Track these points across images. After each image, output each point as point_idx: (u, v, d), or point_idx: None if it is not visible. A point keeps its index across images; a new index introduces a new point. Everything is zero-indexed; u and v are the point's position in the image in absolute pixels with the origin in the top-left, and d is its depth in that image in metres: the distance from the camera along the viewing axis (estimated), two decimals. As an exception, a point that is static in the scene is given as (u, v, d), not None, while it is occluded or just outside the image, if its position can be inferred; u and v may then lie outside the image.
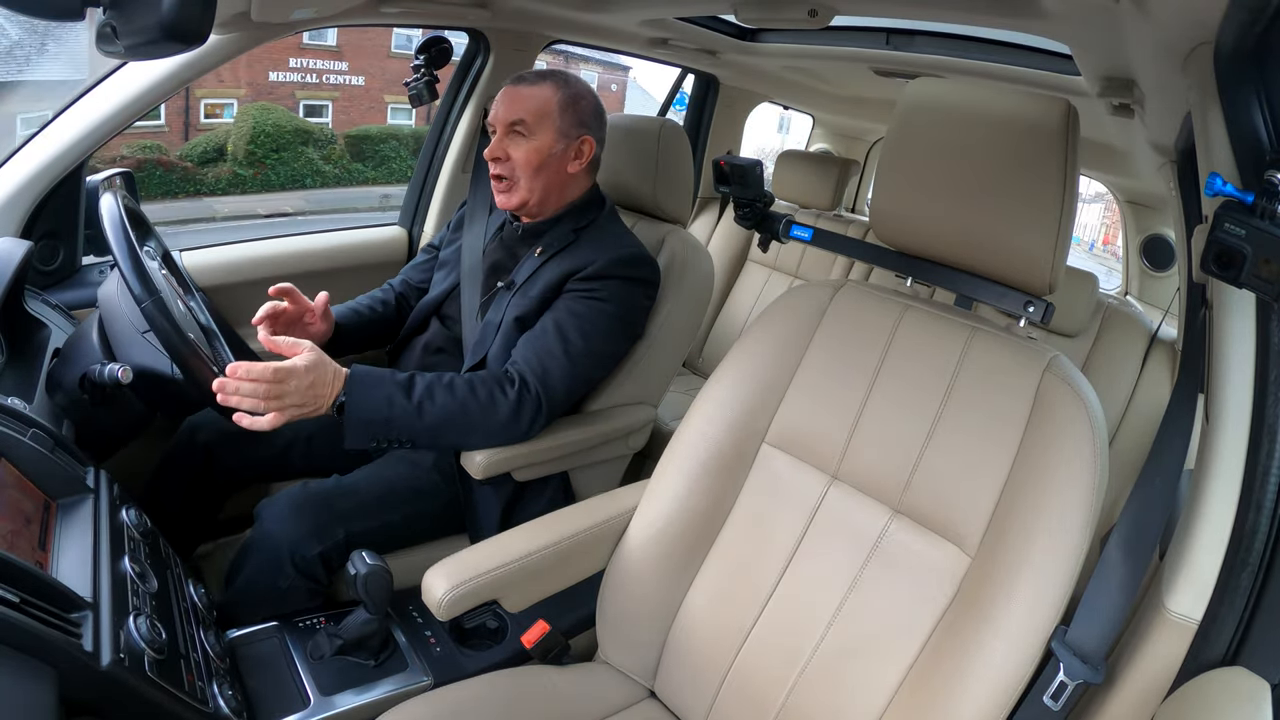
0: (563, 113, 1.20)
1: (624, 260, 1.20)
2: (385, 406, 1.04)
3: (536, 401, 1.12)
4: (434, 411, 1.06)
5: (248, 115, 10.77)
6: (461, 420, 1.08)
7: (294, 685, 0.93)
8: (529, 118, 1.19)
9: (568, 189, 1.26)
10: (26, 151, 1.21)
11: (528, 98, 1.19)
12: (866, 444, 0.89)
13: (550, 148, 1.20)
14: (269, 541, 1.06)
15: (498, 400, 1.10)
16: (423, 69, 1.61)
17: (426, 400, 1.06)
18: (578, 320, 1.16)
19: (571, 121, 1.21)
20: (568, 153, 1.22)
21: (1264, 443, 0.67)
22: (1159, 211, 2.54)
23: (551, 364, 1.13)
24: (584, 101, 1.23)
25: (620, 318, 1.20)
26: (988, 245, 0.85)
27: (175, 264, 1.20)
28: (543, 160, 1.20)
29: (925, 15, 1.51)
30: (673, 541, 0.96)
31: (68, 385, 0.98)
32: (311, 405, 1.00)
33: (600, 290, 1.18)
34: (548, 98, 1.20)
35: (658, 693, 1.00)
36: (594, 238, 1.24)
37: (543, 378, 1.12)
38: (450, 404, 1.07)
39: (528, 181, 1.21)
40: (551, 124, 1.20)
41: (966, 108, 0.86)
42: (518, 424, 1.11)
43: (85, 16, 0.60)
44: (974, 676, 0.73)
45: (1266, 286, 0.59)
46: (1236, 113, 0.70)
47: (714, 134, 2.60)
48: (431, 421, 1.06)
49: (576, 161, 1.24)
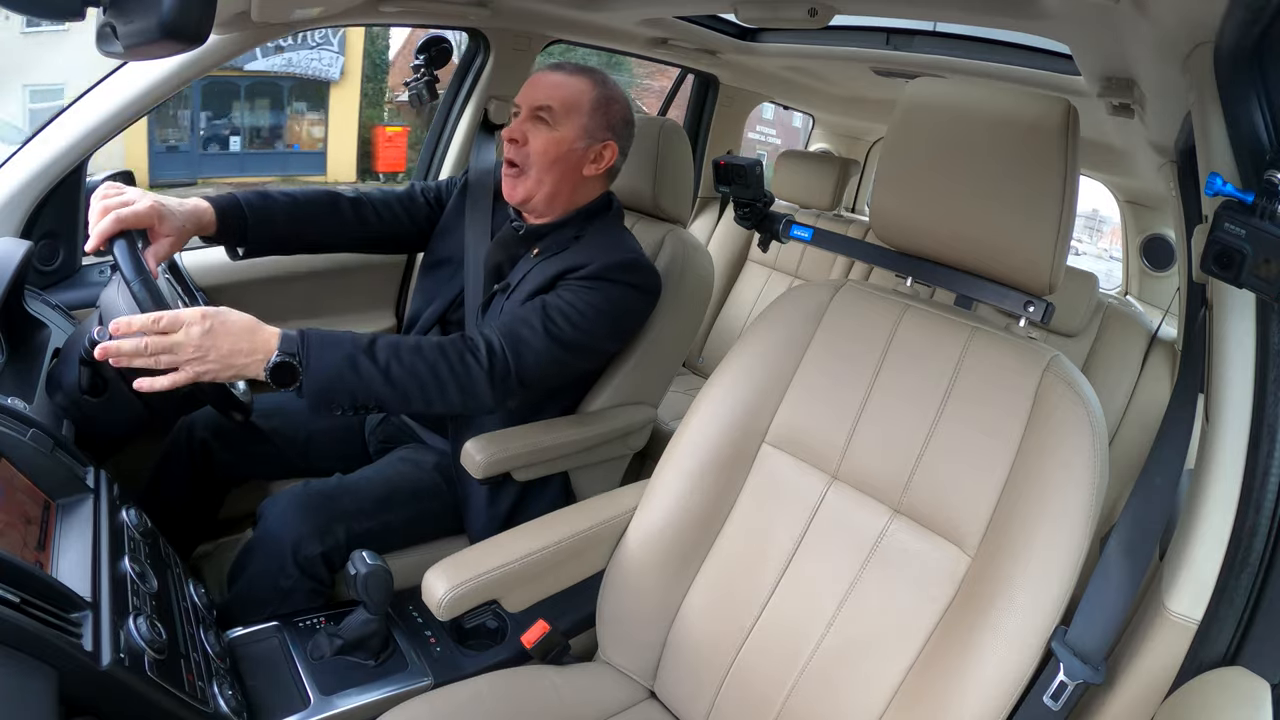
0: (593, 111, 1.16)
1: (623, 265, 1.15)
2: (349, 369, 0.95)
3: (505, 368, 1.04)
4: (402, 374, 0.98)
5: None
6: (433, 383, 1.00)
7: (294, 685, 0.93)
8: (557, 106, 1.15)
9: (579, 192, 1.21)
10: (26, 151, 1.21)
11: (561, 86, 1.16)
12: (866, 444, 0.89)
13: (571, 143, 1.16)
14: (272, 541, 1.06)
15: (469, 364, 1.03)
16: (423, 69, 1.61)
17: (393, 361, 0.98)
18: (564, 306, 1.10)
19: (600, 123, 1.17)
20: (587, 154, 1.18)
21: (1264, 443, 0.67)
22: (1159, 211, 2.54)
23: (527, 335, 1.07)
24: (616, 106, 1.19)
25: (608, 314, 1.14)
26: (988, 245, 0.85)
27: (177, 266, 1.20)
28: (560, 154, 1.15)
29: (925, 15, 1.51)
30: (673, 541, 0.96)
31: (68, 385, 0.97)
32: (224, 364, 0.89)
33: (594, 288, 1.12)
34: (582, 91, 1.16)
35: (658, 693, 1.00)
36: (594, 240, 1.20)
37: (515, 347, 1.05)
38: (419, 366, 0.99)
39: (539, 173, 1.16)
40: (578, 119, 1.15)
41: (966, 108, 0.86)
42: (490, 390, 1.04)
43: (85, 16, 0.60)
44: (974, 676, 0.73)
45: (1266, 286, 0.59)
46: (1236, 113, 0.71)
47: (714, 134, 2.60)
48: (401, 385, 0.98)
49: (594, 165, 1.19)
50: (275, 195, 1.22)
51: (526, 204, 1.21)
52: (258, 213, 1.17)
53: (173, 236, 1.04)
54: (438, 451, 1.26)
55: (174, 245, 1.05)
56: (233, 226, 1.14)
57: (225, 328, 0.89)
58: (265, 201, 1.19)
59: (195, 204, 1.10)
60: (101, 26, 0.63)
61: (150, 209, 1.00)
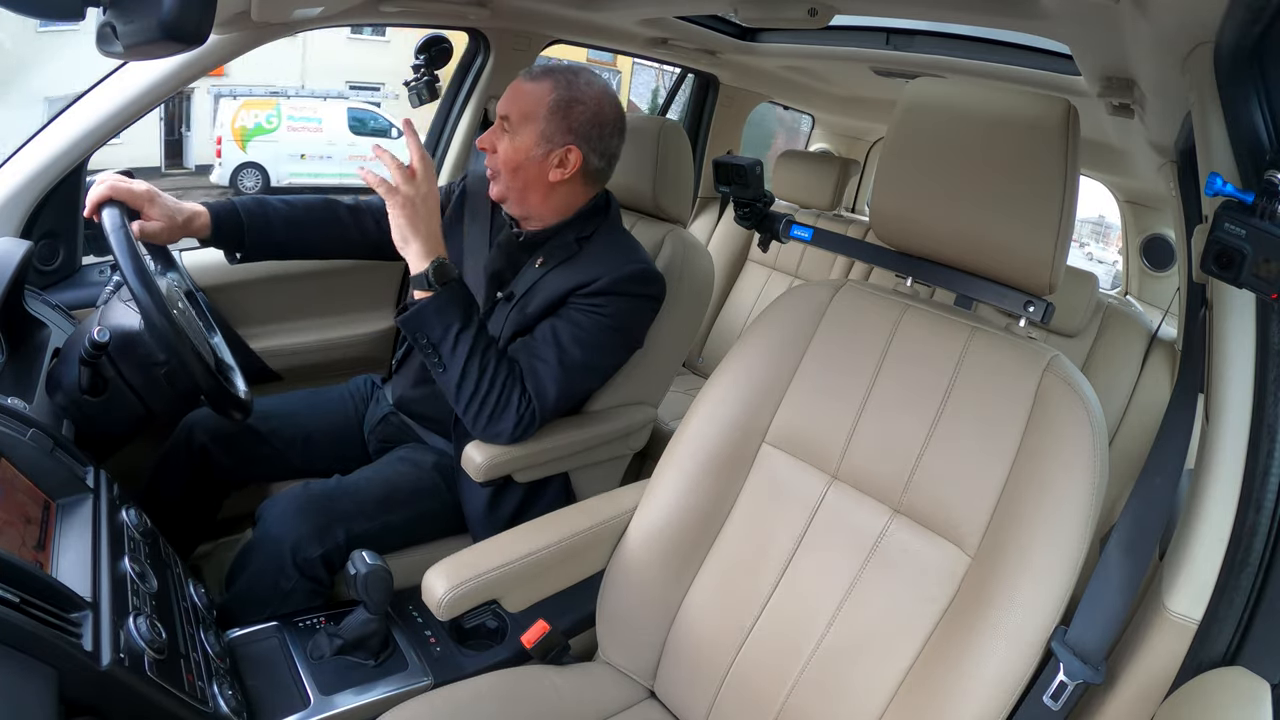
0: (550, 116, 1.13)
1: (633, 277, 1.15)
2: (464, 314, 1.05)
3: (531, 416, 1.10)
4: (473, 368, 1.05)
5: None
6: (485, 394, 1.07)
7: (294, 685, 0.93)
8: (514, 115, 1.14)
9: (555, 198, 1.19)
10: (26, 151, 1.21)
11: (522, 94, 1.15)
12: (867, 444, 0.89)
13: (529, 150, 1.14)
14: (271, 543, 1.06)
15: (513, 400, 1.09)
16: (423, 68, 1.61)
17: (476, 355, 1.05)
18: (577, 331, 1.12)
19: (558, 128, 1.13)
20: (548, 160, 1.14)
21: (1264, 443, 0.67)
22: (1159, 211, 2.54)
23: (546, 376, 1.11)
24: (579, 107, 1.14)
25: (620, 331, 1.17)
26: (988, 245, 0.85)
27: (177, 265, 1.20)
28: (520, 162, 1.14)
29: (925, 15, 1.51)
30: (673, 541, 0.96)
31: (68, 385, 0.97)
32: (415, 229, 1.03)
33: (605, 306, 1.13)
34: (539, 98, 1.13)
35: (658, 693, 1.00)
36: (598, 250, 1.18)
37: (537, 390, 1.10)
38: (485, 372, 1.06)
39: (506, 178, 1.16)
40: (535, 126, 1.13)
41: (966, 108, 0.86)
42: (514, 429, 1.10)
43: (85, 16, 0.60)
44: (974, 676, 0.73)
45: (1266, 286, 0.59)
46: (1236, 113, 0.71)
47: (714, 134, 2.60)
48: (462, 373, 1.05)
49: (559, 170, 1.15)
50: (273, 203, 1.24)
51: (506, 205, 1.22)
52: (255, 219, 1.20)
53: (162, 223, 1.10)
54: (437, 451, 1.26)
55: (163, 231, 1.10)
56: (229, 233, 1.18)
57: (434, 215, 1.06)
58: (263, 209, 1.22)
59: (191, 205, 1.14)
60: (101, 26, 0.63)
61: (146, 190, 1.08)
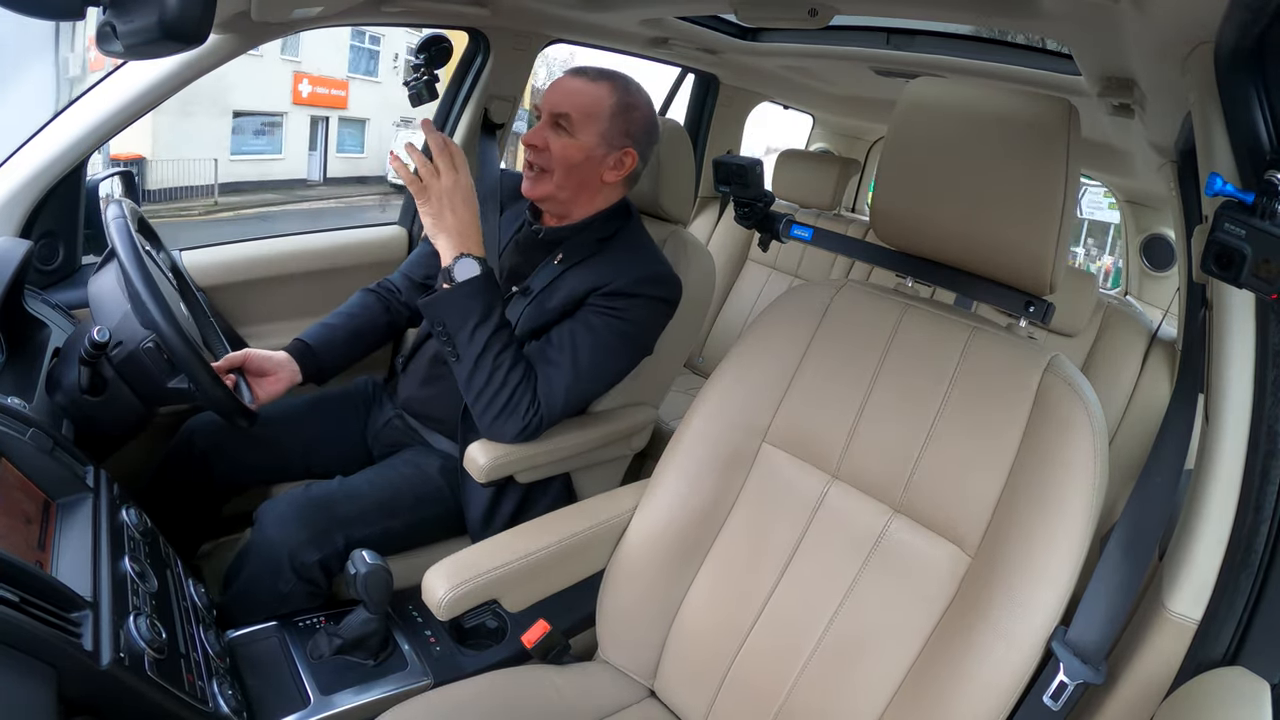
0: (612, 118, 1.15)
1: (652, 279, 1.16)
2: (484, 310, 1.05)
3: (539, 421, 1.11)
4: (486, 364, 1.06)
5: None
6: (496, 392, 1.08)
7: (294, 685, 0.93)
8: (575, 114, 1.14)
9: (598, 196, 1.21)
10: (26, 151, 1.21)
11: (580, 93, 1.15)
12: (867, 443, 0.89)
13: (590, 150, 1.16)
14: (269, 547, 1.05)
15: (522, 404, 1.09)
16: (422, 68, 1.61)
17: (491, 352, 1.06)
18: (592, 336, 1.13)
19: (619, 130, 1.16)
20: (607, 160, 1.17)
21: (1264, 443, 0.67)
22: (1159, 211, 2.54)
23: (557, 381, 1.11)
24: (637, 113, 1.18)
25: (634, 337, 1.17)
26: (988, 245, 0.85)
27: (177, 266, 1.20)
28: (579, 161, 1.16)
29: (925, 15, 1.51)
30: (673, 541, 0.96)
31: (68, 385, 0.98)
32: (443, 221, 1.04)
33: (624, 310, 1.14)
34: (600, 99, 1.15)
35: (658, 692, 1.00)
36: (620, 251, 1.20)
37: (547, 395, 1.11)
38: (500, 372, 1.07)
39: (561, 177, 1.16)
40: (597, 127, 1.15)
41: (966, 107, 0.86)
42: (520, 432, 1.10)
43: (85, 16, 0.60)
44: (974, 676, 0.73)
45: (1266, 286, 0.59)
46: (1236, 113, 0.71)
47: (714, 134, 2.60)
48: (480, 367, 1.06)
49: (615, 171, 1.19)
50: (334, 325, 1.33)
51: (546, 203, 1.22)
52: (324, 346, 1.30)
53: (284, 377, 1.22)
54: (442, 454, 1.25)
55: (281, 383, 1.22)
56: (309, 366, 1.27)
57: (466, 206, 1.05)
58: (330, 333, 1.32)
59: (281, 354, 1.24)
60: (101, 26, 0.62)
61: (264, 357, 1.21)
